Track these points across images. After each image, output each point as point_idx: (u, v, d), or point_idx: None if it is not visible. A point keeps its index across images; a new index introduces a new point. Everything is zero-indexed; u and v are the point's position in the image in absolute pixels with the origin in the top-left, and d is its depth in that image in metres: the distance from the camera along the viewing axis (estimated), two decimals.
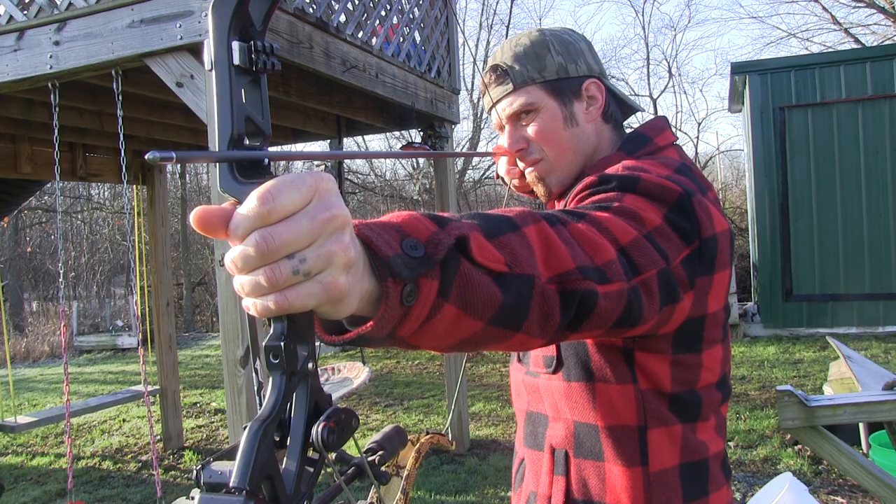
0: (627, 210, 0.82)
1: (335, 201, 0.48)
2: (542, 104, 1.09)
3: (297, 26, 3.09)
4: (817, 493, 3.65)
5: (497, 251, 0.62)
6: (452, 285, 0.57)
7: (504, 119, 1.12)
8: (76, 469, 5.16)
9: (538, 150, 1.10)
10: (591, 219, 0.77)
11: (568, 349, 0.99)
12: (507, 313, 0.62)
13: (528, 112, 1.09)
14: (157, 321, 5.61)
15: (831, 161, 8.06)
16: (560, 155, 1.09)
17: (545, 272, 0.66)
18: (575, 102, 1.10)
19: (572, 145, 1.10)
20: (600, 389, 0.96)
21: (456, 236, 0.58)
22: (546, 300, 0.66)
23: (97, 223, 16.87)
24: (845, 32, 14.55)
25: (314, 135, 5.64)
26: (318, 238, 0.47)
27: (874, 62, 7.93)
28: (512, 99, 1.09)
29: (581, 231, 0.73)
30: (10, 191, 5.58)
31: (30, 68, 3.00)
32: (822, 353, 7.11)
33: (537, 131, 1.09)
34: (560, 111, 1.09)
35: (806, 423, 2.26)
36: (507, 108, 1.10)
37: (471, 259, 0.60)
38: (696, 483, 0.96)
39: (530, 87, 1.09)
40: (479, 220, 0.65)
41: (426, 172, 14.78)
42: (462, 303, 0.59)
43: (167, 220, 5.81)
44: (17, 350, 11.64)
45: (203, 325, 14.41)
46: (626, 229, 0.78)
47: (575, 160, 1.11)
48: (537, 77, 1.09)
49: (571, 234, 0.72)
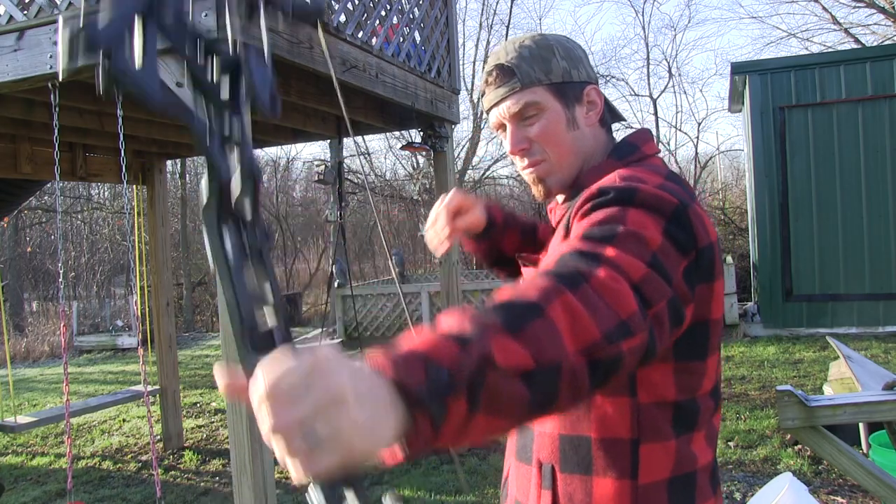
0: (632, 234, 0.84)
1: (334, 378, 0.52)
2: (548, 105, 1.09)
3: (298, 26, 3.09)
4: (817, 493, 3.65)
5: (522, 348, 0.66)
6: (480, 399, 0.61)
7: (507, 118, 1.11)
8: (76, 469, 5.16)
9: (540, 151, 1.11)
10: (606, 260, 0.80)
11: None
12: (537, 405, 0.66)
13: (532, 113, 1.10)
14: (157, 321, 5.61)
15: (831, 161, 8.06)
16: (562, 157, 1.11)
17: (573, 346, 0.69)
18: (577, 107, 1.11)
19: (573, 148, 1.11)
20: (594, 402, 0.98)
21: (478, 356, 0.62)
22: (575, 376, 0.69)
23: (97, 223, 16.87)
24: (845, 32, 14.55)
25: (314, 135, 5.64)
26: (320, 413, 0.51)
27: (874, 62, 7.93)
28: (517, 98, 1.09)
29: (602, 282, 0.76)
30: (10, 191, 5.58)
31: (30, 68, 3.00)
32: (822, 353, 7.11)
33: (541, 132, 1.10)
34: (564, 114, 1.10)
35: (806, 423, 2.26)
36: (513, 107, 1.10)
37: (496, 367, 0.63)
38: (683, 495, 0.97)
39: (536, 87, 1.09)
40: (502, 315, 0.68)
41: (426, 172, 14.78)
42: (491, 411, 0.63)
43: (167, 220, 5.82)
44: (17, 350, 11.64)
45: (203, 325, 14.41)
46: (636, 265, 0.81)
47: (575, 162, 1.12)
48: (543, 79, 1.09)
49: (594, 289, 0.75)
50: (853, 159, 7.97)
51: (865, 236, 7.95)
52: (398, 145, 14.10)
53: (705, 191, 15.18)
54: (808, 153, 8.16)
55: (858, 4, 14.22)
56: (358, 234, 17.93)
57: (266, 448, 2.76)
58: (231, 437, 2.75)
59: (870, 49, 9.88)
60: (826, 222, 8.09)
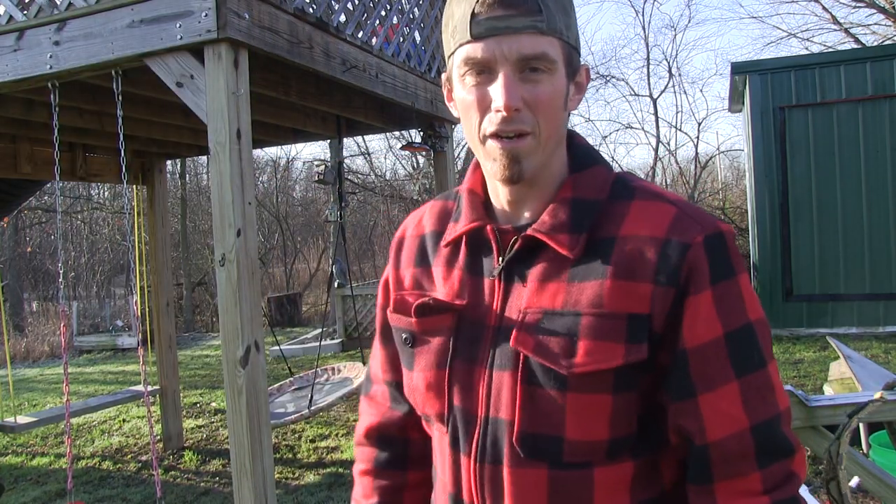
0: (769, 355, 0.86)
1: None
2: (559, 68, 0.85)
3: (297, 26, 3.09)
4: (817, 493, 3.64)
5: None
6: None
7: (510, 59, 0.82)
8: (76, 469, 5.16)
9: (531, 122, 0.83)
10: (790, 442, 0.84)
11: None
12: None
13: (543, 68, 0.83)
14: (157, 321, 5.61)
15: (831, 161, 8.06)
16: (549, 136, 0.86)
17: None
18: (572, 83, 0.89)
19: (560, 129, 0.89)
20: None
21: None
22: None
23: (97, 223, 16.87)
24: (845, 32, 14.55)
25: (314, 135, 5.64)
26: None
27: (874, 62, 7.93)
28: (538, 41, 0.82)
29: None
30: (10, 191, 5.58)
31: (30, 68, 3.00)
32: (822, 353, 7.11)
33: (546, 98, 0.83)
34: (565, 85, 0.87)
35: (806, 423, 2.26)
36: (528, 48, 0.82)
37: None
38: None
39: (555, 40, 0.83)
40: None
41: (426, 172, 14.78)
42: None
43: (167, 220, 5.81)
44: (17, 350, 11.64)
45: (203, 325, 14.40)
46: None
47: (554, 148, 0.89)
48: (565, 33, 0.85)
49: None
50: (853, 159, 7.97)
51: (865, 236, 7.95)
52: (398, 145, 14.12)
53: (705, 191, 15.17)
54: (808, 153, 8.16)
55: (858, 4, 14.22)
56: (358, 234, 17.94)
57: (266, 448, 2.76)
58: (231, 437, 2.75)
59: (870, 49, 9.88)
60: (826, 222, 8.09)
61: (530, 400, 0.85)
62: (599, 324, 0.83)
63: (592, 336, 0.83)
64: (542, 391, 0.85)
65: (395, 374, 1.08)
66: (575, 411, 0.83)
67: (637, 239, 0.84)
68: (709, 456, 0.83)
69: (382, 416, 1.12)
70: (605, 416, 0.84)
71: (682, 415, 0.84)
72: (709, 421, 0.82)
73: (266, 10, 2.87)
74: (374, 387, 1.15)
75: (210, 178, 2.85)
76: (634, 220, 0.86)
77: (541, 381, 0.85)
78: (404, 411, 1.10)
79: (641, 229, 0.85)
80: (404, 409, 1.10)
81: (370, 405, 1.15)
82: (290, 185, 20.15)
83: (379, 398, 1.13)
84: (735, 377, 0.82)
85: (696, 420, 0.83)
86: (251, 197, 2.81)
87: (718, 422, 0.82)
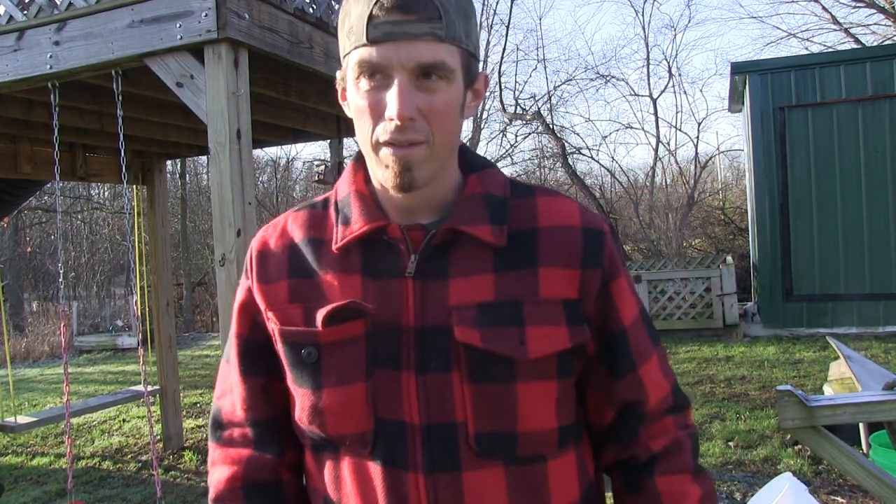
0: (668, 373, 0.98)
1: None
2: (456, 77, 0.82)
3: (297, 26, 3.09)
4: (817, 493, 3.65)
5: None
6: None
7: (407, 67, 0.79)
8: (76, 469, 5.16)
9: (425, 131, 0.81)
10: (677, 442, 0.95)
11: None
12: None
13: (440, 75, 0.81)
14: (157, 321, 5.61)
15: (831, 161, 8.07)
16: (444, 145, 0.84)
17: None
18: (469, 90, 0.87)
19: (455, 138, 0.87)
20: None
21: None
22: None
23: (97, 223, 16.88)
24: (845, 32, 14.55)
25: (314, 135, 5.64)
26: None
27: (874, 62, 7.93)
28: (437, 49, 0.79)
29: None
30: (10, 191, 5.58)
31: (30, 68, 3.00)
32: (822, 353, 7.11)
33: (442, 107, 0.81)
34: (461, 93, 0.85)
35: (806, 423, 2.26)
36: (426, 56, 0.79)
37: None
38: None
39: (454, 47, 0.81)
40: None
41: None
42: None
43: (167, 220, 5.81)
44: (17, 350, 11.64)
45: (203, 325, 14.41)
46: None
47: (448, 157, 0.87)
48: (464, 40, 0.82)
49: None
50: (853, 159, 7.97)
51: (865, 236, 7.95)
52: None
53: (705, 191, 15.16)
54: (808, 153, 8.16)
55: (858, 4, 14.22)
56: None
57: None
58: None
59: (870, 49, 9.88)
60: (826, 222, 8.09)
61: (480, 397, 0.83)
62: (540, 310, 0.85)
63: (537, 322, 0.85)
64: (489, 387, 0.84)
65: (263, 410, 0.97)
66: (525, 401, 0.84)
67: (559, 229, 0.89)
68: (644, 419, 0.93)
69: (246, 463, 0.97)
70: (551, 403, 0.87)
71: (625, 389, 0.92)
72: (649, 389, 0.93)
73: (266, 10, 2.87)
74: (228, 431, 1.00)
75: (210, 178, 2.86)
76: (548, 213, 0.90)
77: (487, 376, 0.83)
78: (274, 452, 0.97)
79: (558, 220, 0.89)
80: (274, 449, 0.97)
81: (226, 453, 0.99)
82: (290, 185, 20.16)
83: (238, 443, 0.99)
84: (653, 348, 0.95)
85: (640, 391, 0.93)
86: (251, 197, 2.81)
87: (654, 389, 0.93)
